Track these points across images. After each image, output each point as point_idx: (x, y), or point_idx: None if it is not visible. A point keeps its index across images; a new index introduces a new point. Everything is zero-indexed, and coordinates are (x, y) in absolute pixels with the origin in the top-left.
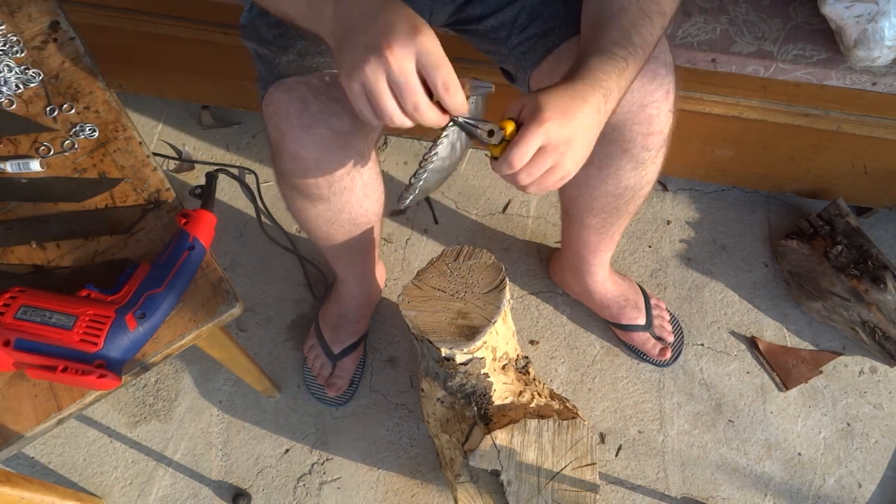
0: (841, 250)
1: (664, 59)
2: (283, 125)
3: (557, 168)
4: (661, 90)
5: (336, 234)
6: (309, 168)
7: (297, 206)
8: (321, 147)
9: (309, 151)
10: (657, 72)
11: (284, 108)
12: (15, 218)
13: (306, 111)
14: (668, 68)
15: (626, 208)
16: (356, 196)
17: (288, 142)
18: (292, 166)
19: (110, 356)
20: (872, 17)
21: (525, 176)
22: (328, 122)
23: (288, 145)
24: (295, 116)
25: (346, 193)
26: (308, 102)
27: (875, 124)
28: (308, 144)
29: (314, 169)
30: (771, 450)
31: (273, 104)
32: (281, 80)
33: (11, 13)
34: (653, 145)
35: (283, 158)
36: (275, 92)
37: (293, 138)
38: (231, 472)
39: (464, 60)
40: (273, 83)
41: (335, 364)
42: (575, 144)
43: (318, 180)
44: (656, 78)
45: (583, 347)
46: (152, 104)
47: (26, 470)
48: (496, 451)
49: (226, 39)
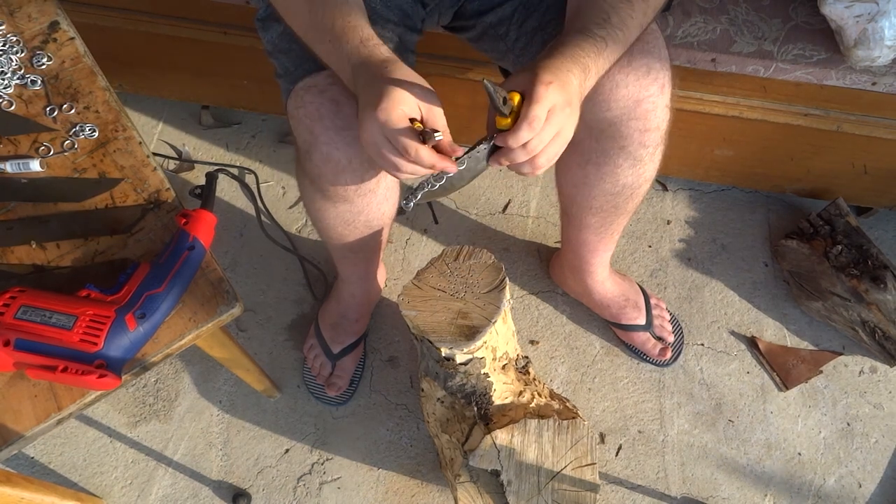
0: (841, 250)
1: (658, 53)
2: (317, 127)
3: (562, 132)
4: (656, 84)
5: (350, 234)
6: (341, 169)
7: (318, 205)
8: (354, 148)
9: (342, 153)
10: (651, 66)
11: (317, 110)
12: (15, 218)
13: (340, 113)
14: (662, 63)
15: (625, 207)
16: (377, 199)
17: (322, 144)
18: (324, 169)
19: (110, 356)
20: (872, 17)
21: (538, 141)
22: None
23: (321, 147)
24: (328, 118)
25: (369, 195)
26: (341, 104)
27: (875, 124)
28: (342, 146)
29: (347, 171)
30: (771, 450)
31: (304, 107)
32: (311, 75)
33: (11, 13)
34: (650, 142)
35: (314, 161)
36: (305, 95)
37: (328, 140)
38: (231, 472)
39: (463, 60)
40: (302, 79)
41: (335, 364)
42: (574, 107)
43: (346, 182)
44: (650, 72)
45: (583, 347)
46: (152, 104)
47: (26, 470)
48: (496, 451)
49: (226, 39)
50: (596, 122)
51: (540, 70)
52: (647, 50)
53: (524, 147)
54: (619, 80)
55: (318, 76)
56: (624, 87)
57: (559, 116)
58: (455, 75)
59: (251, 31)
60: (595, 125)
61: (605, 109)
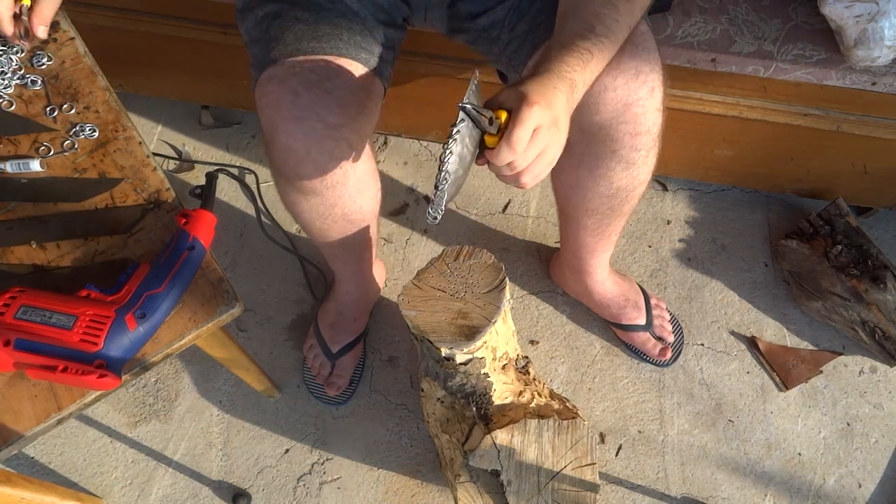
0: (841, 250)
1: (648, 56)
2: (276, 116)
3: (547, 151)
4: (645, 87)
5: (329, 229)
6: (301, 160)
7: (291, 199)
8: (312, 139)
9: (301, 143)
10: (640, 69)
11: (276, 100)
12: (15, 218)
13: (298, 103)
14: (652, 65)
15: (621, 209)
16: (349, 191)
17: (280, 133)
18: (284, 158)
19: (110, 356)
20: (872, 16)
21: (522, 160)
22: (320, 114)
23: (280, 137)
24: (287, 108)
25: (338, 188)
26: (300, 95)
27: (875, 124)
28: (300, 136)
29: (306, 161)
30: (771, 450)
31: (266, 96)
32: (276, 63)
33: None
34: (642, 145)
35: (275, 150)
36: (268, 84)
37: (285, 130)
38: (231, 472)
39: (463, 61)
40: (268, 67)
41: (334, 363)
42: (560, 126)
43: (309, 173)
44: (640, 75)
45: (583, 347)
46: (152, 104)
47: (26, 470)
48: (496, 451)
49: (226, 39)
50: (586, 126)
51: (527, 90)
52: (636, 53)
53: (508, 166)
54: (607, 84)
55: (280, 66)
56: (612, 91)
57: (544, 135)
58: (455, 75)
59: None
60: (586, 128)
61: (595, 113)
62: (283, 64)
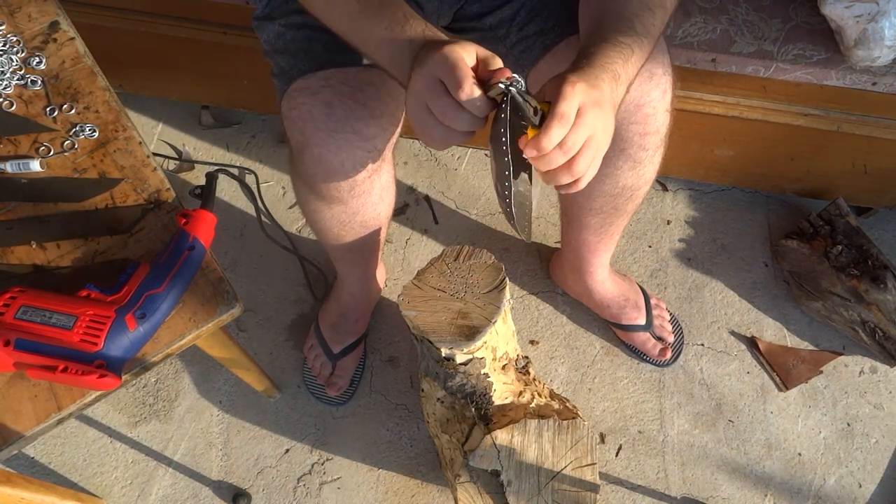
0: (841, 250)
1: (661, 58)
2: (308, 129)
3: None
4: (657, 90)
5: (346, 235)
6: (333, 171)
7: (312, 207)
8: (347, 151)
9: (335, 155)
10: (654, 71)
11: (309, 111)
12: (15, 218)
13: (332, 115)
14: (665, 68)
15: (625, 208)
16: (372, 199)
17: (313, 146)
18: (316, 170)
19: (110, 356)
20: (872, 17)
21: (574, 137)
22: (354, 126)
23: (313, 149)
24: (321, 120)
25: (363, 196)
26: (334, 107)
27: (875, 124)
28: (334, 148)
29: (339, 172)
30: (771, 450)
31: (297, 108)
32: (305, 77)
33: (11, 13)
34: (650, 145)
35: (305, 162)
36: (298, 96)
37: (319, 142)
38: (231, 472)
39: None
40: (297, 79)
41: (335, 364)
42: (605, 109)
43: (339, 183)
44: (653, 77)
45: (583, 347)
46: (152, 104)
47: (26, 470)
48: (496, 451)
49: (226, 39)
50: None
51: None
52: (651, 56)
53: (560, 147)
54: None
55: (311, 78)
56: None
57: (590, 115)
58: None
59: (251, 31)
60: None
61: None
62: (313, 75)
